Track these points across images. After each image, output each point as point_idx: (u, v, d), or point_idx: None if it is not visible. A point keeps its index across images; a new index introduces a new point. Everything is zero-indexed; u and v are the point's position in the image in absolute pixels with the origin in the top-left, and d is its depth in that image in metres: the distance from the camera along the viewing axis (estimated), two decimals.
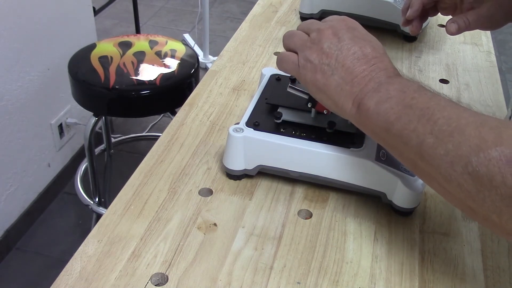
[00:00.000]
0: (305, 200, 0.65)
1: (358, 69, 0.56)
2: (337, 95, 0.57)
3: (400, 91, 0.53)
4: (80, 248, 0.57)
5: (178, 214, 0.61)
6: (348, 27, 0.59)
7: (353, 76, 0.56)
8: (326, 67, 0.57)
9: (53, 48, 1.74)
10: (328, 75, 0.57)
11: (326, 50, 0.58)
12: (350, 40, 0.58)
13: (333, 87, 0.57)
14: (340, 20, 0.61)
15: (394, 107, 0.52)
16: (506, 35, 3.11)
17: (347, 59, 0.57)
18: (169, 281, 0.54)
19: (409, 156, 0.51)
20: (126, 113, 1.43)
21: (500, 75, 0.94)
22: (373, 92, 0.54)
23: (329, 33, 0.59)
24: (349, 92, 0.56)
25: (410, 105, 0.51)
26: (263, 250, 0.58)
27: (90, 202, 1.64)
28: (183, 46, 1.50)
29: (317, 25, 0.61)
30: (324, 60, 0.57)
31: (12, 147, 1.64)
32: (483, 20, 0.75)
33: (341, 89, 0.56)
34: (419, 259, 0.58)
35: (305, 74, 0.59)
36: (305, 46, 0.60)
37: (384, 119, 0.53)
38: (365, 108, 0.54)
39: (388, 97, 0.53)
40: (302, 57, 0.59)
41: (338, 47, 0.57)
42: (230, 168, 0.66)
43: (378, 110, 0.53)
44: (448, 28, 0.76)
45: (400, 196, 0.62)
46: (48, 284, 0.53)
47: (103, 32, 2.86)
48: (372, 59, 0.57)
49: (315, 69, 0.58)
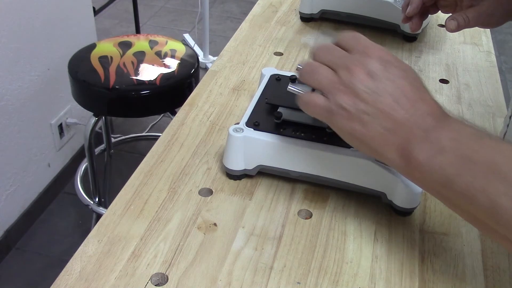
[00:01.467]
0: (305, 200, 0.65)
1: (400, 115, 0.50)
2: (379, 145, 0.51)
3: (454, 141, 0.47)
4: (80, 248, 0.57)
5: (178, 214, 0.61)
6: (382, 63, 0.52)
7: (395, 123, 0.50)
8: (363, 115, 0.50)
9: (53, 48, 1.74)
10: (367, 124, 0.50)
11: (361, 94, 0.50)
12: (386, 79, 0.51)
13: (373, 137, 0.51)
14: (371, 52, 0.53)
15: (451, 161, 0.46)
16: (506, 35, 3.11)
17: (386, 103, 0.50)
18: (169, 281, 0.54)
19: (477, 216, 0.46)
20: (126, 113, 1.43)
21: (500, 75, 0.94)
22: (421, 142, 0.48)
23: (361, 72, 0.51)
24: (393, 142, 0.50)
25: (470, 158, 0.45)
26: (263, 250, 0.58)
27: (90, 202, 1.64)
28: (183, 46, 1.50)
29: (344, 60, 0.53)
30: (360, 107, 0.50)
31: (12, 147, 1.64)
32: (483, 18, 0.75)
33: (383, 138, 0.50)
34: (419, 259, 0.58)
35: (339, 122, 0.52)
36: (334, 88, 0.52)
37: (441, 174, 0.47)
38: (415, 161, 0.48)
39: (441, 149, 0.47)
40: (334, 103, 0.52)
41: (374, 89, 0.50)
42: (230, 168, 0.66)
43: (431, 164, 0.47)
44: (448, 25, 0.76)
45: (400, 196, 0.62)
46: (48, 284, 0.53)
47: (103, 32, 2.86)
48: (413, 100, 0.50)
49: (351, 118, 0.51)
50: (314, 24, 1.07)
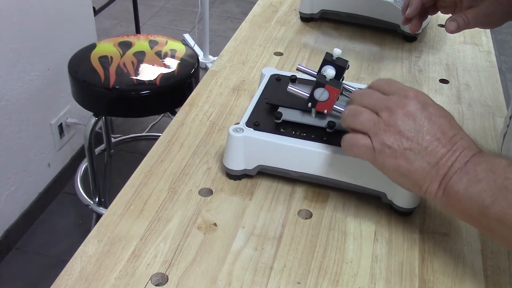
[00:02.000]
0: (305, 200, 0.65)
1: (441, 151, 0.53)
2: (423, 179, 0.53)
3: (489, 171, 0.50)
4: (80, 248, 0.57)
5: (178, 214, 0.61)
6: (420, 104, 0.55)
7: (437, 158, 0.53)
8: (408, 152, 0.53)
9: (53, 48, 1.74)
10: (412, 160, 0.53)
11: (404, 132, 0.54)
12: (426, 119, 0.54)
13: (418, 172, 0.53)
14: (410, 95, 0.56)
15: (487, 190, 0.49)
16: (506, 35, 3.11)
17: (428, 141, 0.53)
18: (169, 281, 0.54)
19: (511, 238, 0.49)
20: (126, 113, 1.43)
21: (500, 75, 0.94)
22: (460, 173, 0.51)
23: (403, 113, 0.54)
24: (435, 176, 0.53)
25: (505, 186, 0.49)
26: (263, 250, 0.58)
27: (90, 202, 1.64)
28: (183, 46, 1.50)
29: (385, 102, 0.56)
30: (404, 145, 0.53)
31: (12, 147, 1.64)
32: (483, 18, 0.75)
33: (427, 173, 0.53)
34: (419, 259, 0.58)
35: (383, 160, 0.55)
36: (378, 128, 0.55)
37: (478, 203, 0.50)
38: (453, 191, 0.52)
39: (478, 179, 0.50)
40: (378, 141, 0.54)
41: (416, 128, 0.54)
42: (230, 168, 0.66)
43: (469, 193, 0.50)
44: (448, 27, 0.76)
45: (400, 196, 0.62)
46: (48, 284, 0.53)
47: (103, 32, 2.86)
48: (452, 138, 0.53)
49: (395, 155, 0.54)
50: (314, 24, 1.07)
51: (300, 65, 0.72)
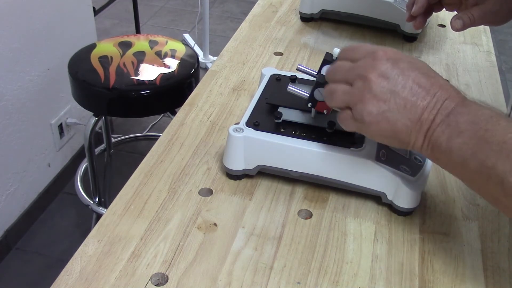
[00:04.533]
0: (305, 200, 0.65)
1: (421, 105, 0.52)
2: (408, 136, 0.54)
3: (471, 123, 0.50)
4: (80, 248, 0.57)
5: (178, 214, 0.61)
6: (390, 62, 0.54)
7: (418, 113, 0.52)
8: (388, 113, 0.53)
9: (53, 48, 1.74)
10: (394, 121, 0.53)
11: (380, 96, 0.53)
12: (399, 75, 0.53)
13: (403, 131, 0.53)
14: (378, 55, 0.55)
15: (467, 142, 0.50)
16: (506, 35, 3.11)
17: (406, 98, 0.53)
18: (169, 281, 0.54)
19: (491, 192, 0.50)
20: (126, 113, 1.43)
21: (500, 75, 0.94)
22: (442, 126, 0.52)
23: (374, 76, 0.54)
24: (419, 131, 0.53)
25: (485, 138, 0.49)
26: (263, 250, 0.58)
27: (90, 202, 1.64)
28: (183, 46, 1.50)
29: (355, 70, 0.56)
30: (383, 107, 0.53)
31: (12, 147, 1.64)
32: (488, 16, 0.75)
33: (411, 130, 0.53)
34: (419, 259, 0.58)
35: (367, 128, 0.55)
36: (355, 99, 0.55)
37: (459, 154, 0.50)
38: (437, 144, 0.52)
39: (459, 131, 0.50)
40: (358, 112, 0.54)
41: (391, 88, 0.53)
42: (230, 168, 0.66)
43: (451, 146, 0.51)
44: (453, 25, 0.75)
45: (400, 196, 0.62)
46: (48, 284, 0.53)
47: (103, 32, 2.85)
48: (430, 88, 0.53)
49: (378, 120, 0.54)
50: (314, 24, 1.07)
51: (300, 65, 0.72)
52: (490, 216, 0.64)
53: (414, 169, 0.63)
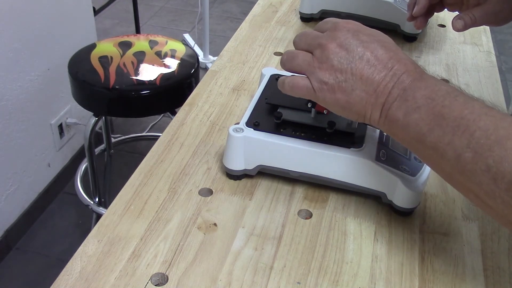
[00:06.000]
0: (305, 200, 0.65)
1: (377, 77, 0.52)
2: (364, 108, 0.54)
3: (428, 98, 0.50)
4: (80, 248, 0.57)
5: (178, 214, 0.61)
6: (350, 32, 0.55)
7: (374, 86, 0.52)
8: (344, 83, 0.53)
9: (53, 48, 1.74)
10: (349, 91, 0.53)
11: (337, 66, 0.54)
12: (358, 47, 0.54)
13: (357, 103, 0.53)
14: (340, 26, 0.56)
15: (424, 118, 0.49)
16: (506, 35, 3.11)
17: (362, 69, 0.53)
18: (169, 281, 0.54)
19: (445, 168, 0.49)
20: (126, 113, 1.43)
21: (500, 75, 0.94)
22: (399, 100, 0.51)
23: (333, 46, 0.54)
24: (375, 104, 0.53)
25: (442, 114, 0.48)
26: (263, 250, 0.58)
27: (90, 202, 1.64)
28: (183, 46, 1.50)
29: (317, 39, 0.56)
30: (339, 77, 0.54)
31: (12, 147, 1.64)
32: (490, 16, 0.75)
33: (365, 102, 0.53)
34: (419, 259, 0.58)
35: (323, 97, 0.55)
36: (313, 67, 0.55)
37: (416, 130, 0.50)
38: (394, 119, 0.52)
39: (416, 106, 0.50)
40: (315, 79, 0.55)
41: (348, 59, 0.54)
42: (230, 168, 0.66)
43: (407, 121, 0.50)
44: (455, 25, 0.75)
45: (400, 196, 0.62)
46: (48, 284, 0.53)
47: (103, 32, 2.86)
48: (388, 62, 0.53)
49: (333, 89, 0.54)
50: (314, 24, 1.07)
51: None
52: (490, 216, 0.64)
53: (414, 169, 0.63)
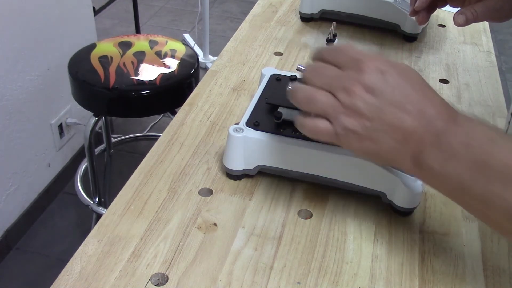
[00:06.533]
0: (305, 200, 0.65)
1: (408, 124, 0.49)
2: (393, 156, 0.51)
3: (465, 146, 0.46)
4: (80, 248, 0.57)
5: (178, 214, 0.61)
6: (377, 73, 0.50)
7: (405, 133, 0.49)
8: (372, 132, 0.50)
9: (53, 48, 1.74)
10: (378, 140, 0.50)
11: (365, 113, 0.49)
12: (387, 90, 0.50)
13: (387, 152, 0.50)
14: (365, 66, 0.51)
15: (464, 166, 0.46)
16: (506, 35, 3.11)
17: (392, 115, 0.49)
18: (169, 281, 0.54)
19: (493, 217, 0.47)
20: (126, 113, 1.43)
21: (500, 75, 0.94)
22: (433, 148, 0.48)
23: (359, 90, 0.50)
24: (405, 152, 0.50)
25: (484, 162, 0.45)
26: (263, 250, 0.58)
27: (90, 202, 1.64)
28: (183, 46, 1.50)
29: (339, 81, 0.51)
30: (367, 126, 0.50)
31: (12, 147, 1.64)
32: (491, 12, 0.75)
33: (396, 151, 0.50)
34: (419, 259, 0.58)
35: (348, 144, 0.51)
36: (337, 112, 0.51)
37: (455, 180, 0.47)
38: (428, 167, 0.48)
39: (453, 154, 0.47)
40: (339, 126, 0.51)
41: (377, 105, 0.49)
42: (230, 168, 0.66)
43: (445, 171, 0.47)
44: (456, 20, 0.75)
45: (400, 196, 0.62)
46: (48, 284, 0.53)
47: (103, 32, 2.85)
48: (419, 105, 0.49)
49: (361, 138, 0.50)
50: (314, 24, 1.07)
51: (300, 65, 0.72)
52: None
53: None
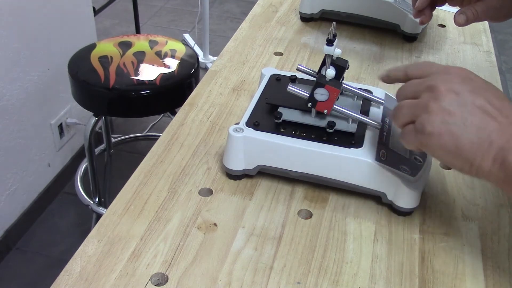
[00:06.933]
0: (305, 200, 0.65)
1: (492, 125, 0.49)
2: (473, 155, 0.50)
3: None
4: (80, 248, 0.57)
5: (178, 214, 0.61)
6: (462, 78, 0.52)
7: (488, 132, 0.49)
8: (453, 126, 0.50)
9: (53, 48, 1.74)
10: (458, 135, 0.50)
11: (447, 108, 0.50)
12: (470, 93, 0.51)
13: (467, 148, 0.50)
14: (451, 71, 0.54)
15: None
16: (506, 35, 3.11)
17: (475, 114, 0.50)
18: (169, 281, 0.54)
19: None
20: (126, 113, 1.43)
21: (500, 75, 0.94)
22: None
23: (444, 89, 0.51)
24: (488, 151, 0.49)
25: None
26: (263, 250, 0.58)
27: (90, 202, 1.64)
28: (183, 46, 1.50)
29: (425, 82, 0.54)
30: (448, 120, 0.50)
31: (12, 147, 1.64)
32: (492, 11, 0.75)
33: (476, 148, 0.50)
34: (419, 259, 0.58)
35: (429, 140, 0.52)
36: (419, 111, 0.52)
37: None
38: (510, 167, 0.48)
39: None
40: (420, 122, 0.52)
41: (459, 102, 0.50)
42: (230, 168, 0.66)
43: None
44: (457, 19, 0.75)
45: (400, 196, 0.62)
46: (48, 284, 0.53)
47: (103, 32, 2.86)
48: (501, 109, 0.50)
49: (439, 132, 0.50)
50: (314, 24, 1.07)
51: (300, 65, 0.72)
52: (490, 216, 0.64)
53: (414, 169, 0.63)
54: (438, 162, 0.72)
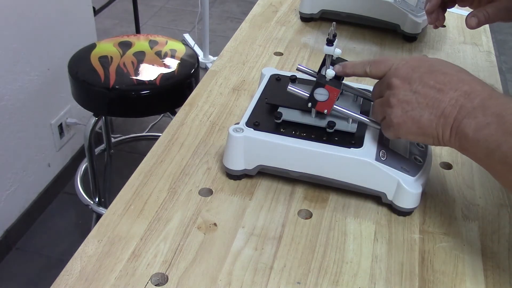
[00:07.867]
0: (305, 200, 0.65)
1: (445, 100, 0.55)
2: (435, 130, 0.56)
3: (497, 116, 0.52)
4: (80, 248, 0.57)
5: (178, 214, 0.61)
6: (408, 66, 0.58)
7: (442, 108, 0.55)
8: (412, 112, 0.57)
9: (53, 48, 1.74)
10: (418, 118, 0.56)
11: (404, 98, 0.57)
12: (420, 78, 0.57)
13: (428, 126, 0.56)
14: (400, 64, 0.59)
15: (493, 134, 0.51)
16: (506, 35, 3.11)
17: (429, 95, 0.56)
18: (169, 281, 0.54)
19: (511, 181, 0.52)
20: (126, 113, 1.43)
21: (500, 75, 0.94)
22: (468, 118, 0.53)
23: (397, 82, 0.58)
24: (445, 124, 0.55)
25: (510, 131, 0.50)
26: (263, 250, 0.58)
27: (90, 202, 1.64)
28: (183, 46, 1.50)
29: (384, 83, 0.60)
30: (407, 108, 0.57)
31: (12, 147, 1.64)
32: (503, 13, 0.75)
33: (435, 124, 0.56)
34: (419, 259, 0.58)
35: (398, 130, 0.58)
36: (385, 107, 0.59)
37: (485, 146, 0.52)
38: (463, 135, 0.54)
39: (486, 123, 0.52)
40: (388, 118, 0.59)
41: (412, 90, 0.57)
42: (230, 168, 0.66)
43: (477, 137, 0.53)
44: (469, 22, 0.76)
45: (400, 196, 0.62)
46: (48, 284, 0.53)
47: (103, 32, 2.85)
48: (453, 84, 0.55)
49: (404, 121, 0.57)
50: (314, 24, 1.07)
51: (300, 65, 0.72)
52: (490, 216, 0.64)
53: (414, 169, 0.63)
54: (438, 162, 0.72)
